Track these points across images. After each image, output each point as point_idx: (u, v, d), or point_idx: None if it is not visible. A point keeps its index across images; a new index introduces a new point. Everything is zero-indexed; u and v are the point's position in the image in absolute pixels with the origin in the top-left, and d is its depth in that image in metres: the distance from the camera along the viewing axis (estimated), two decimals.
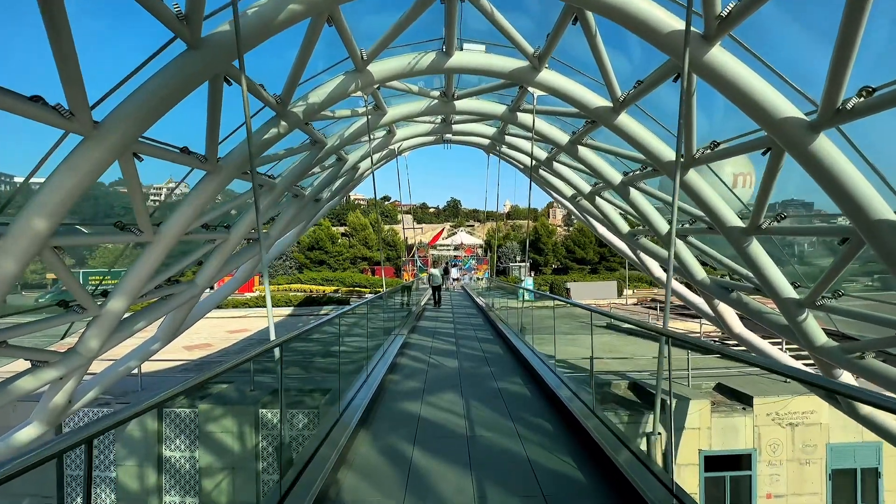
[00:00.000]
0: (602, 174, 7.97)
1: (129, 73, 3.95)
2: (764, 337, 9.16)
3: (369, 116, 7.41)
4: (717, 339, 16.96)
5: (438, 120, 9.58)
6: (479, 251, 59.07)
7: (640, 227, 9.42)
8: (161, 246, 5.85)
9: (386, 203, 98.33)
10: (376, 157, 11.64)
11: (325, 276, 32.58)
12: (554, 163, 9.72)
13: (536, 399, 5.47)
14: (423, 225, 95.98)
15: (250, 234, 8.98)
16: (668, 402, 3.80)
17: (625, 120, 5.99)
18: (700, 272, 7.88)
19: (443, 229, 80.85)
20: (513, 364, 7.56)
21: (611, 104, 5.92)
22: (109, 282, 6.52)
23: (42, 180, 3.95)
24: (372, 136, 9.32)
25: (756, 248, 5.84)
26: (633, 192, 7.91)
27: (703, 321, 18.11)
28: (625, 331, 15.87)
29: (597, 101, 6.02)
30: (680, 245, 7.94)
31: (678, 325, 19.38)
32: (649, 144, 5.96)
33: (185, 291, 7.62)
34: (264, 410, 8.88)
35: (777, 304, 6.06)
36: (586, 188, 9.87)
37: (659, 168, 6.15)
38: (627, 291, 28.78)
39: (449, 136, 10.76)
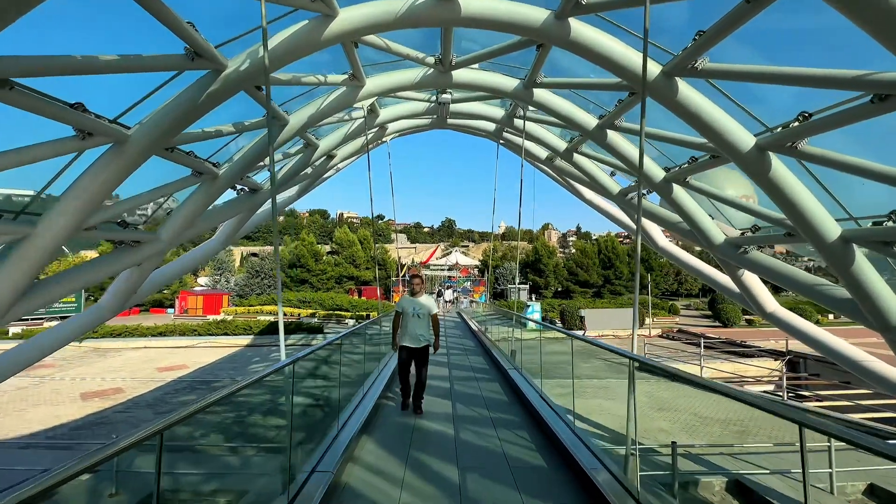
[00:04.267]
0: (720, 133, 4.51)
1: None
2: None
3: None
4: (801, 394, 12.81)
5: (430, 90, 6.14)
6: (475, 272, 55.73)
7: (754, 234, 5.94)
8: None
9: (380, 221, 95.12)
10: (344, 131, 8.19)
11: (302, 296, 28.59)
12: (609, 131, 6.30)
13: None
14: (417, 244, 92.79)
15: (108, 227, 5.40)
16: None
17: None
18: None
19: (436, 248, 77.69)
20: None
21: None
22: None
23: None
24: (324, 79, 5.88)
25: None
26: (777, 166, 4.47)
27: (779, 366, 14.41)
28: (667, 375, 11.97)
29: None
30: (860, 258, 4.45)
31: (725, 368, 15.78)
32: None
33: None
34: None
35: None
36: (659, 173, 6.43)
37: None
38: (648, 321, 25.03)
39: (446, 97, 7.33)
